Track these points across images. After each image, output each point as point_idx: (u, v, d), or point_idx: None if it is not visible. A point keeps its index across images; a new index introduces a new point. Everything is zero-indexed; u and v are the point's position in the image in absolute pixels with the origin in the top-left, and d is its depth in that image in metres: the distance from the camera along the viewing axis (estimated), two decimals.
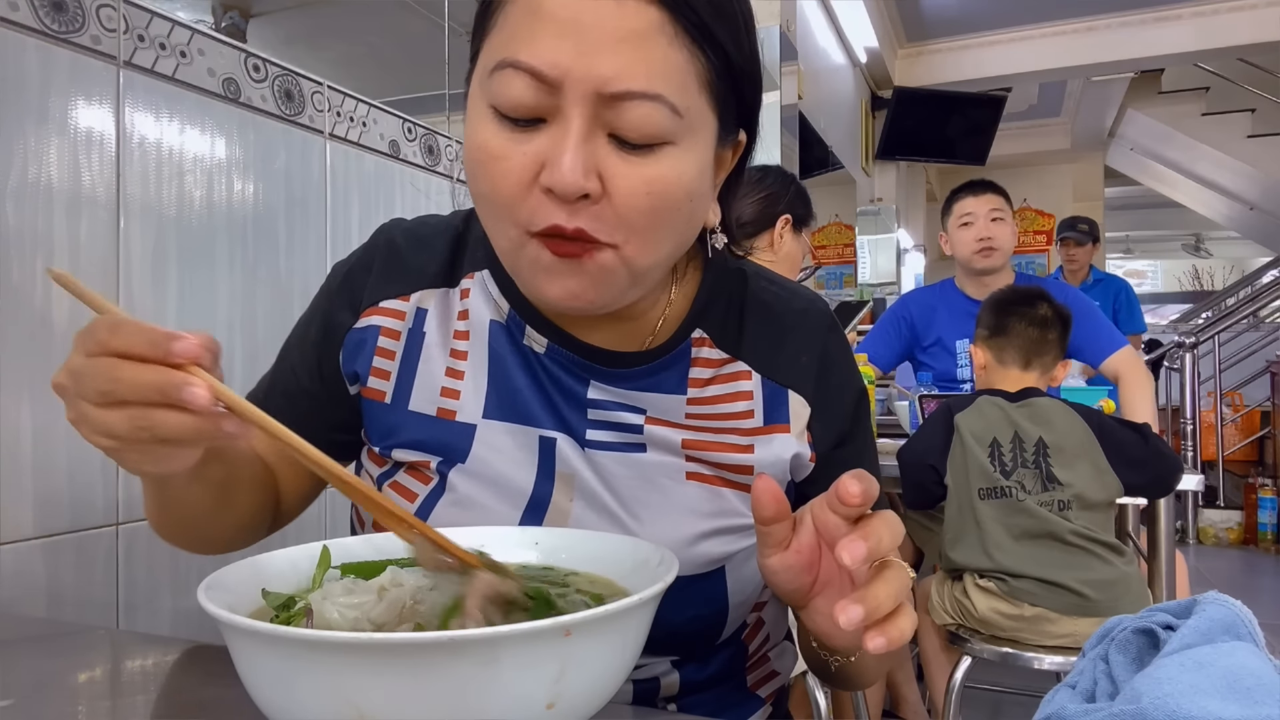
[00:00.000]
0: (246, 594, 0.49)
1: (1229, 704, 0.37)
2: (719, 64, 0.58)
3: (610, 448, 0.70)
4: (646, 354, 0.71)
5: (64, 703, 0.56)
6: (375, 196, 1.41)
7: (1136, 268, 13.77)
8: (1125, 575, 1.67)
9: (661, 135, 0.56)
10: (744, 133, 0.68)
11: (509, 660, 0.38)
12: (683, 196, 0.59)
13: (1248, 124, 6.73)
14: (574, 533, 0.61)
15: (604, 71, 0.54)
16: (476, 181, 0.59)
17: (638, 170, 0.56)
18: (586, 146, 0.55)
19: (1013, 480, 1.70)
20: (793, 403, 0.73)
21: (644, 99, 0.55)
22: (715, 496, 0.70)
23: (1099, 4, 4.96)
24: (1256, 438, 6.02)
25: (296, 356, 0.76)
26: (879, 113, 5.43)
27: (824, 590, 0.57)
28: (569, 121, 0.55)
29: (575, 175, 0.54)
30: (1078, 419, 1.74)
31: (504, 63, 0.55)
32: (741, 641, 0.76)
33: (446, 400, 0.70)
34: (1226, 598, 0.45)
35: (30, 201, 0.91)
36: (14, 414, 0.89)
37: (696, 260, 0.75)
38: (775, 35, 3.09)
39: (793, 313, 0.76)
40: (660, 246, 0.61)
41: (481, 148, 0.58)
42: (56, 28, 0.93)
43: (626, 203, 0.57)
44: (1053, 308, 1.88)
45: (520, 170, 0.56)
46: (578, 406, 0.70)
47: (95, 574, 0.97)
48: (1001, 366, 1.87)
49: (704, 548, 0.68)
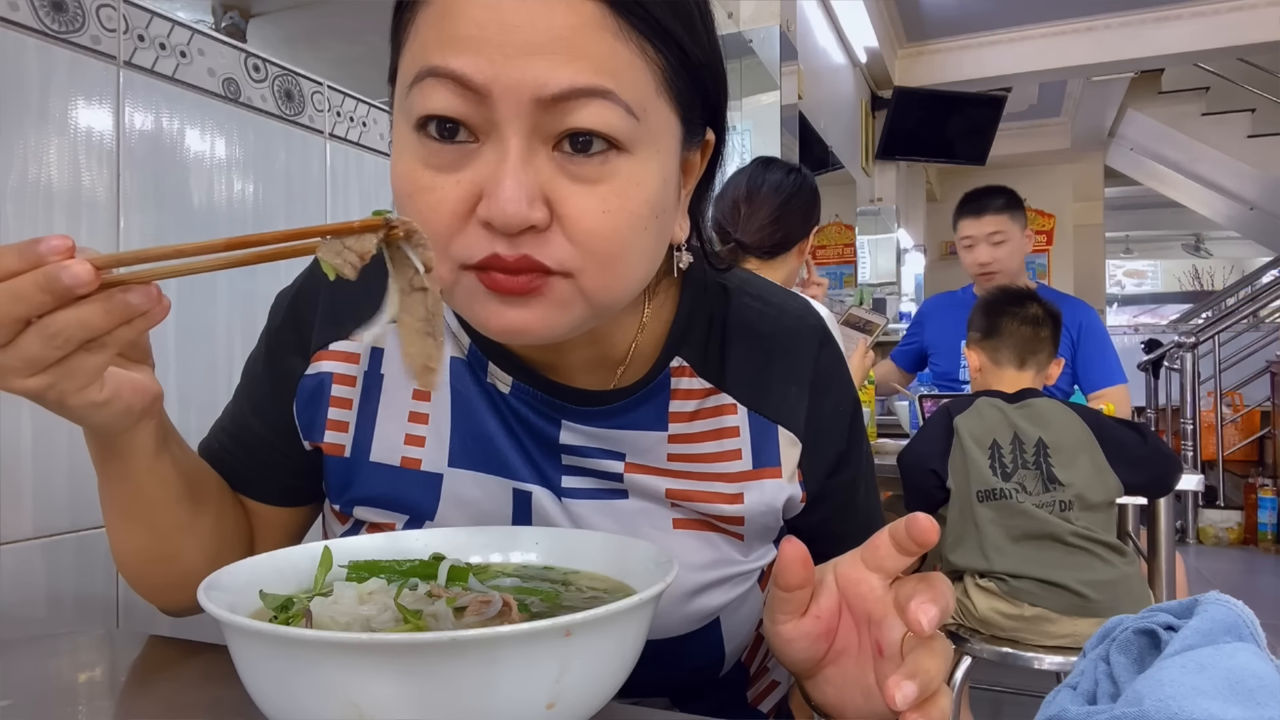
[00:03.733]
0: (246, 594, 0.49)
1: (1231, 706, 0.37)
2: (674, 59, 0.51)
3: (589, 495, 0.64)
4: (621, 390, 0.64)
5: (64, 703, 0.56)
6: (375, 196, 1.41)
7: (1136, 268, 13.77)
8: (1126, 575, 1.67)
9: (615, 139, 0.49)
10: (712, 133, 0.60)
11: (509, 660, 0.38)
12: (646, 213, 0.51)
13: (1248, 124, 6.73)
14: (574, 533, 0.61)
15: (538, 74, 0.46)
16: (404, 216, 0.54)
17: (589, 189, 0.49)
18: (528, 169, 0.48)
19: (1013, 482, 1.70)
20: (783, 441, 0.66)
21: (591, 96, 0.47)
22: (707, 545, 0.65)
23: (1099, 4, 4.95)
24: (1256, 438, 6.03)
25: (247, 404, 0.70)
26: (879, 113, 5.43)
27: (838, 660, 0.50)
28: (505, 141, 0.48)
29: (518, 206, 0.47)
30: (1076, 418, 1.75)
31: (422, 73, 0.49)
32: (741, 665, 0.74)
33: (410, 448, 0.64)
34: (1228, 598, 0.45)
35: (30, 201, 0.91)
36: (14, 414, 0.88)
37: (672, 274, 0.66)
38: (775, 35, 3.09)
39: (781, 333, 0.68)
40: (624, 275, 0.53)
41: (406, 178, 0.50)
42: (56, 28, 0.93)
43: (580, 227, 0.49)
44: (1042, 306, 1.91)
45: (454, 202, 0.49)
46: (550, 452, 0.64)
47: (95, 574, 0.97)
48: (997, 367, 1.89)
49: (700, 602, 0.64)
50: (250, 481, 0.71)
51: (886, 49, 5.23)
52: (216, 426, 0.73)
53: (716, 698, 0.72)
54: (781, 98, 3.13)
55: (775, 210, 1.78)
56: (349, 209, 1.35)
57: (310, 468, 0.69)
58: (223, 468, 0.70)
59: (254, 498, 0.71)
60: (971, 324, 1.96)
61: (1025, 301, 1.91)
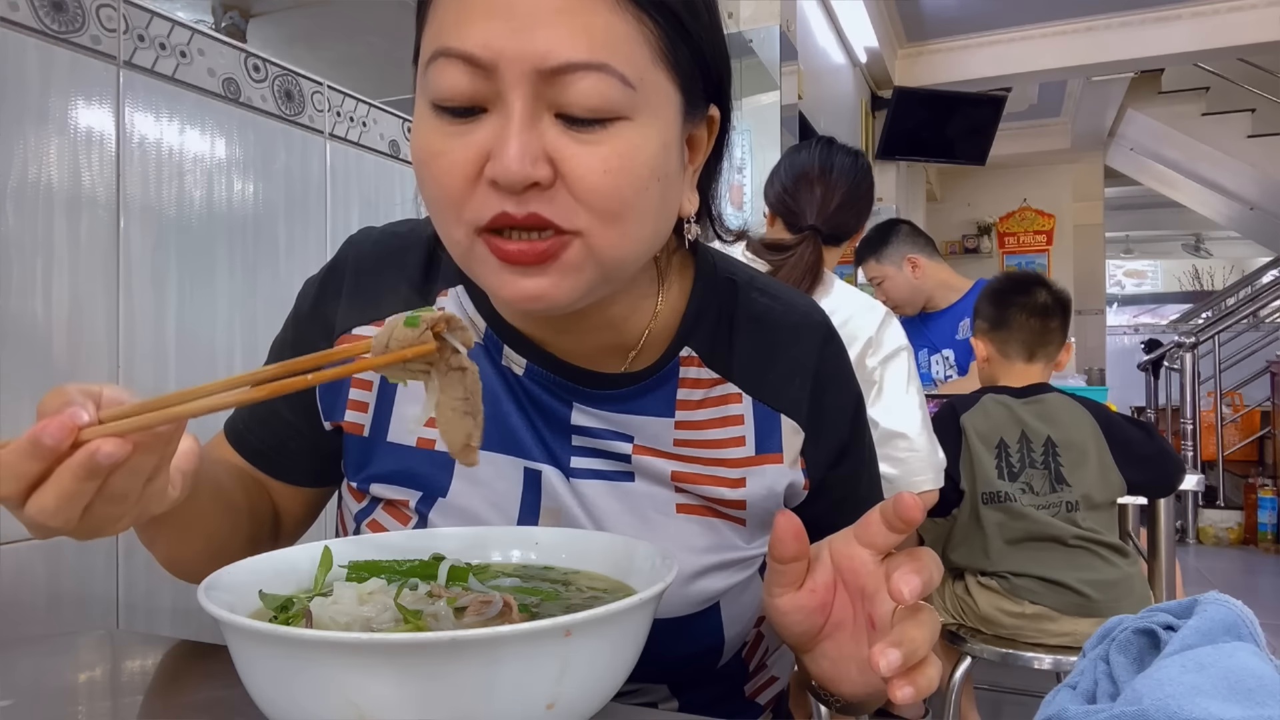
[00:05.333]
0: (246, 594, 0.49)
1: (1230, 705, 0.37)
2: (671, 31, 0.54)
3: (597, 476, 0.67)
4: (632, 375, 0.67)
5: (64, 703, 0.56)
6: (375, 196, 1.41)
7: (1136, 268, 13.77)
8: (1128, 576, 1.67)
9: (613, 109, 0.52)
10: (716, 110, 0.62)
11: (509, 660, 0.38)
12: (647, 175, 0.54)
13: (1248, 124, 6.73)
14: (574, 532, 0.61)
15: (539, 46, 0.50)
16: (423, 185, 0.56)
17: (591, 149, 0.52)
18: (531, 131, 0.51)
19: (1020, 482, 1.68)
20: (785, 429, 0.69)
21: (588, 70, 0.50)
22: (709, 530, 0.67)
23: (1099, 4, 4.95)
24: (1256, 438, 6.03)
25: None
26: (879, 113, 5.42)
27: (834, 634, 0.52)
28: (509, 107, 0.51)
29: (521, 164, 0.50)
30: (1086, 415, 1.72)
31: (436, 53, 0.52)
32: (741, 659, 0.75)
33: (427, 430, 0.66)
34: (1227, 598, 0.45)
35: (30, 202, 0.91)
36: (14, 414, 0.88)
37: (685, 267, 0.70)
38: (775, 35, 3.09)
39: (786, 328, 0.71)
40: (630, 233, 0.55)
41: (423, 147, 0.54)
42: (56, 28, 0.93)
43: (583, 185, 0.52)
44: (1051, 293, 1.84)
45: (464, 164, 0.52)
46: (561, 432, 0.67)
47: (95, 574, 0.97)
48: (1005, 360, 1.84)
49: (700, 585, 0.65)
50: (274, 462, 0.72)
51: (886, 49, 5.23)
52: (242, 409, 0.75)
53: (715, 689, 0.73)
54: (781, 98, 3.13)
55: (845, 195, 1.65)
56: (349, 209, 1.35)
57: (332, 450, 0.71)
58: (246, 449, 0.72)
59: (277, 478, 0.73)
60: (979, 312, 1.90)
61: (1033, 288, 1.84)
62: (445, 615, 0.46)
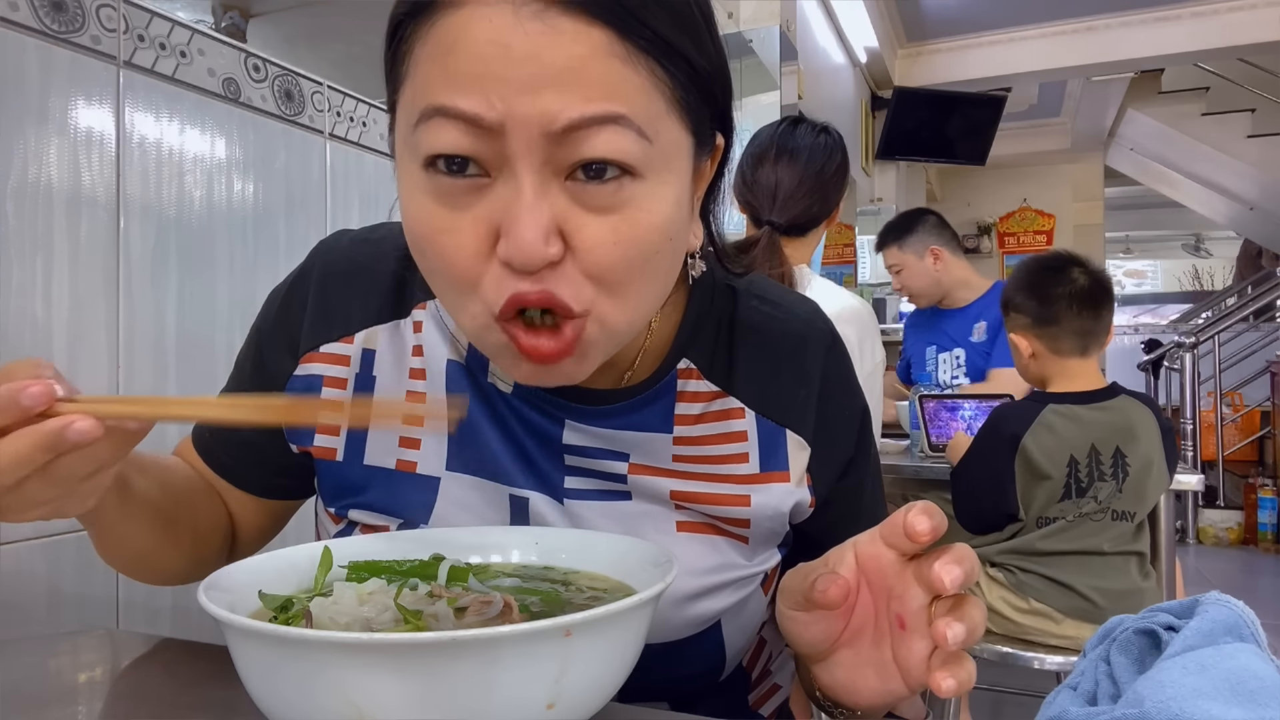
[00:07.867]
0: (246, 594, 0.49)
1: (1232, 707, 0.37)
2: (683, 75, 0.50)
3: (592, 496, 0.64)
4: (627, 389, 0.63)
5: (64, 703, 0.56)
6: (375, 196, 1.41)
7: (1136, 268, 13.77)
8: (1139, 590, 1.61)
9: (626, 164, 0.48)
10: (721, 137, 0.59)
11: (509, 660, 0.38)
12: (659, 239, 0.51)
13: (1248, 124, 6.73)
14: (574, 533, 0.61)
15: (548, 106, 0.45)
16: (424, 259, 0.52)
17: (601, 219, 0.49)
18: (542, 205, 0.47)
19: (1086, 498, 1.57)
20: (791, 444, 0.66)
21: (604, 123, 0.47)
22: (711, 548, 0.64)
23: (1099, 4, 4.95)
24: (1256, 438, 6.03)
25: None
26: (879, 113, 5.42)
27: (854, 640, 0.49)
28: (519, 177, 0.47)
29: (536, 245, 0.46)
30: (1152, 420, 1.60)
31: (429, 111, 0.47)
32: (742, 668, 0.73)
33: (406, 451, 0.64)
34: (1228, 598, 0.45)
35: (30, 201, 0.91)
36: None
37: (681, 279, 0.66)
38: (775, 35, 3.09)
39: (789, 337, 0.68)
40: (638, 302, 0.53)
41: (423, 221, 0.50)
42: (56, 28, 0.93)
43: (591, 257, 0.49)
44: (1089, 274, 1.65)
45: (474, 242, 0.49)
46: (553, 453, 0.64)
47: (95, 574, 0.96)
48: (1058, 357, 1.66)
49: (701, 606, 0.63)
50: (235, 473, 0.71)
51: (886, 49, 5.23)
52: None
53: (717, 701, 0.71)
54: (781, 98, 3.13)
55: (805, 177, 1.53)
56: (349, 209, 1.35)
57: (296, 468, 0.69)
58: (208, 456, 0.71)
59: (237, 486, 0.71)
60: (1014, 305, 1.71)
61: (1071, 270, 1.64)
62: (445, 615, 0.46)
